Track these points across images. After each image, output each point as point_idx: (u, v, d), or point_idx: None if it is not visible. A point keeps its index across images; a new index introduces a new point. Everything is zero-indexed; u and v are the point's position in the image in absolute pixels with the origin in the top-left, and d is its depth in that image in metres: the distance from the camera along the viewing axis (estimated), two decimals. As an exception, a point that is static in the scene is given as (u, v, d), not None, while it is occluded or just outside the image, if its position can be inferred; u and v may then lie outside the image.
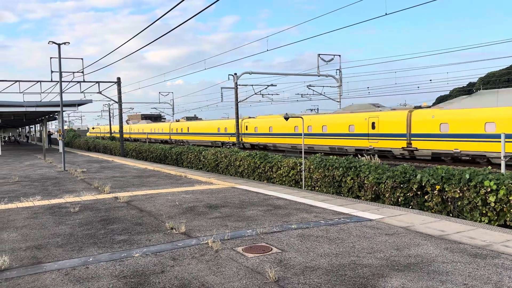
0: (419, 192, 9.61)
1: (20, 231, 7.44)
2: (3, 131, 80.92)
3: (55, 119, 45.29)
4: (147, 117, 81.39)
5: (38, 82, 30.30)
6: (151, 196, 10.95)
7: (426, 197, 9.48)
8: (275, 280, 4.78)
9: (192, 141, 50.39)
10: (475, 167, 9.72)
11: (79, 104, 36.10)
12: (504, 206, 7.98)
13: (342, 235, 6.69)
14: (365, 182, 10.94)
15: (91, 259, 5.76)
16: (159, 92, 59.44)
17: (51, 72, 27.83)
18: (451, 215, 8.93)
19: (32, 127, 76.70)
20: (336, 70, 40.74)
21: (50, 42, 19.22)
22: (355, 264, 5.27)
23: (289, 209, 8.87)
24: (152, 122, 64.53)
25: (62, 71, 20.40)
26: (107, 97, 38.57)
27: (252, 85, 43.45)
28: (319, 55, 38.86)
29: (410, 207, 9.76)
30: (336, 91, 41.42)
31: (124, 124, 65.90)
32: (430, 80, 48.27)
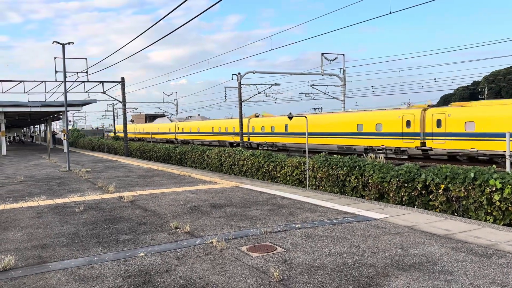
0: (423, 191, 9.57)
1: (25, 231, 7.47)
2: (8, 131, 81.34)
3: (60, 119, 45.45)
4: (151, 116, 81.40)
5: (42, 82, 30.43)
6: (156, 195, 10.97)
7: (430, 196, 9.45)
8: (279, 280, 4.78)
9: (198, 140, 49.68)
10: (480, 166, 9.66)
11: (83, 104, 36.24)
12: (509, 205, 7.93)
13: (346, 234, 6.67)
14: (369, 181, 10.91)
15: (95, 258, 5.77)
16: (163, 92, 59.66)
17: (56, 72, 27.96)
18: (456, 214, 8.90)
19: (36, 127, 77.02)
20: (340, 69, 40.65)
21: (54, 42, 19.31)
22: (360, 264, 5.26)
23: (293, 208, 8.86)
24: (160, 121, 64.27)
25: (66, 71, 20.51)
26: (111, 96, 38.75)
27: (255, 84, 43.25)
28: (322, 54, 38.78)
29: (415, 206, 9.72)
30: (340, 90, 41.34)
31: (129, 123, 65.97)
32: (435, 79, 48.02)
